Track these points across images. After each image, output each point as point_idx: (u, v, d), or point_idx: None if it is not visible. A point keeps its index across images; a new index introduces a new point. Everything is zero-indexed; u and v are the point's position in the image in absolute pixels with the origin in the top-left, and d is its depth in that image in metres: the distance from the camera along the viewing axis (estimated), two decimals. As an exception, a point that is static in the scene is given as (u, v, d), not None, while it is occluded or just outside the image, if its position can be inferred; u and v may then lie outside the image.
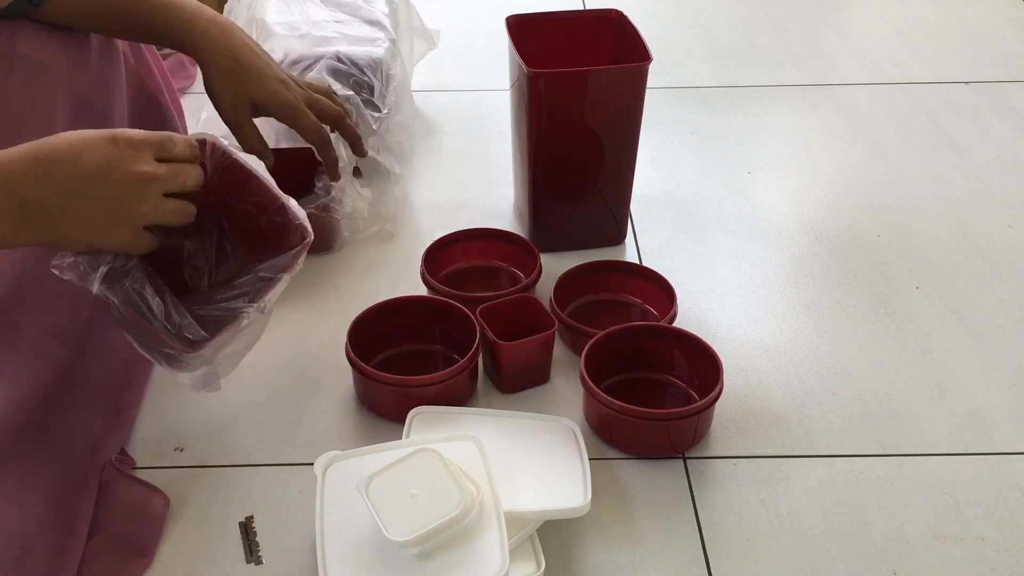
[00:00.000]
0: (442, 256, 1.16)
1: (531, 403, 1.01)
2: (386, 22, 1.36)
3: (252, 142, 1.06)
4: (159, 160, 0.80)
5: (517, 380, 1.02)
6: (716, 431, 0.98)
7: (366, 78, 1.27)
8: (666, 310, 1.08)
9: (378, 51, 1.29)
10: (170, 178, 0.80)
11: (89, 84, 0.98)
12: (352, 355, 0.98)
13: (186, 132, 1.24)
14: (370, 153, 1.25)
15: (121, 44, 1.06)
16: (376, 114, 1.25)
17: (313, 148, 1.11)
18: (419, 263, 1.12)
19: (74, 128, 0.82)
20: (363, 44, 1.30)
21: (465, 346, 1.01)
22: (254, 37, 1.25)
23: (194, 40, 1.00)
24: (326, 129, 1.10)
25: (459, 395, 0.99)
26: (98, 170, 0.76)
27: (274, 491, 0.92)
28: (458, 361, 0.99)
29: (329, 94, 1.16)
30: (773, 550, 0.87)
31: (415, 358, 1.05)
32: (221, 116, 1.05)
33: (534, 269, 1.12)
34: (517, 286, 1.11)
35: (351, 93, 1.24)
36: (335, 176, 1.15)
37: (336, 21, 1.35)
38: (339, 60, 1.27)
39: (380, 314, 1.04)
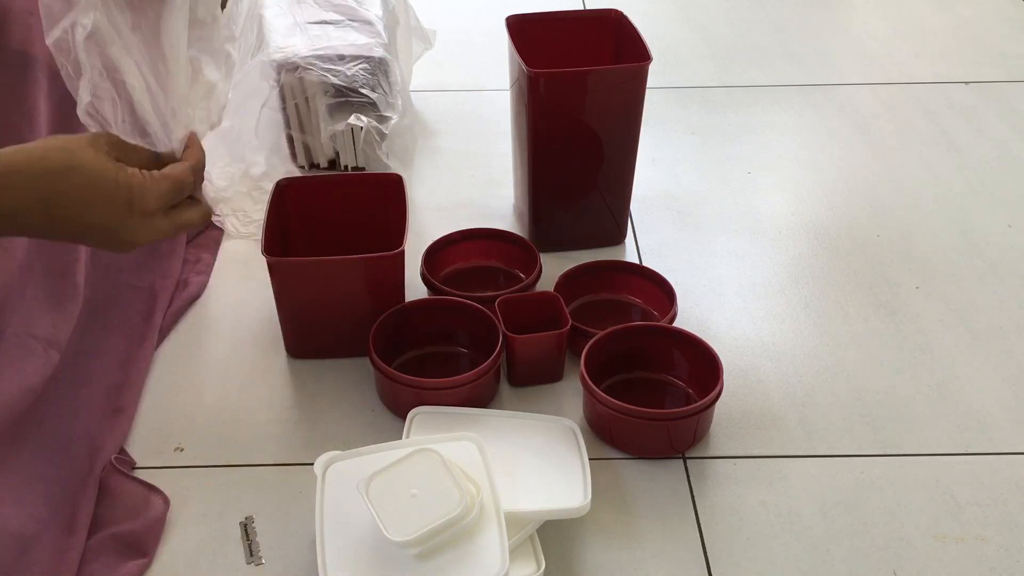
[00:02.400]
0: (442, 256, 1.16)
1: (532, 402, 1.01)
2: (379, 24, 1.35)
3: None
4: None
5: (528, 374, 1.02)
6: (716, 431, 0.98)
7: (365, 97, 1.26)
8: (666, 310, 1.08)
9: (370, 63, 1.27)
10: (172, 232, 0.80)
11: None
12: (376, 358, 0.98)
13: None
14: (380, 156, 1.26)
15: None
16: (386, 123, 1.25)
17: None
18: (419, 263, 1.12)
19: (56, 127, 0.89)
20: (356, 51, 1.28)
21: (482, 346, 1.01)
22: (251, 39, 1.26)
23: None
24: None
25: (484, 396, 1.00)
26: (104, 230, 0.75)
27: (274, 491, 0.92)
28: (476, 360, 1.00)
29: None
30: (773, 550, 0.87)
31: (432, 359, 1.05)
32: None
33: (534, 269, 1.12)
34: (516, 286, 1.10)
35: (362, 122, 1.24)
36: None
37: (331, 23, 1.35)
38: (337, 91, 1.25)
39: (400, 315, 1.04)
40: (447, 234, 1.17)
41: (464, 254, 1.18)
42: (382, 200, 1.10)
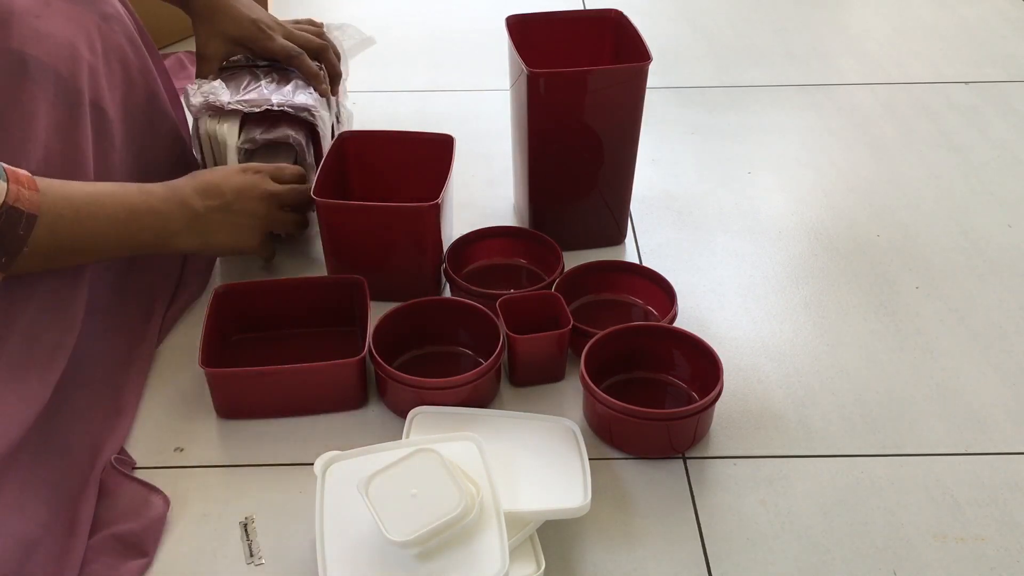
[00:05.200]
0: (467, 252, 1.17)
1: (532, 402, 1.01)
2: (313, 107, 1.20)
3: (204, 72, 1.17)
4: (275, 180, 1.07)
5: (529, 374, 1.03)
6: (716, 431, 0.98)
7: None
8: (666, 310, 1.08)
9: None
10: (287, 194, 1.08)
11: (83, 81, 0.98)
12: (377, 358, 0.98)
13: (186, 129, 1.24)
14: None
15: (121, 41, 1.06)
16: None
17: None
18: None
19: (55, 127, 0.94)
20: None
21: (484, 346, 1.02)
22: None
23: None
24: (295, 48, 1.18)
25: (485, 396, 1.00)
26: (239, 190, 1.03)
27: (274, 491, 0.92)
28: (478, 360, 1.01)
29: (319, 31, 1.23)
30: (773, 550, 0.87)
31: (433, 359, 1.05)
32: (196, 51, 1.18)
33: (556, 267, 1.12)
34: (537, 285, 1.10)
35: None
36: (321, 89, 1.18)
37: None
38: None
39: (401, 315, 1.04)
40: (474, 230, 1.18)
41: (486, 252, 1.19)
42: (436, 158, 1.17)
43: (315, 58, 1.20)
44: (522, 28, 1.19)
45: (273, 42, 1.17)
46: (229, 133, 1.11)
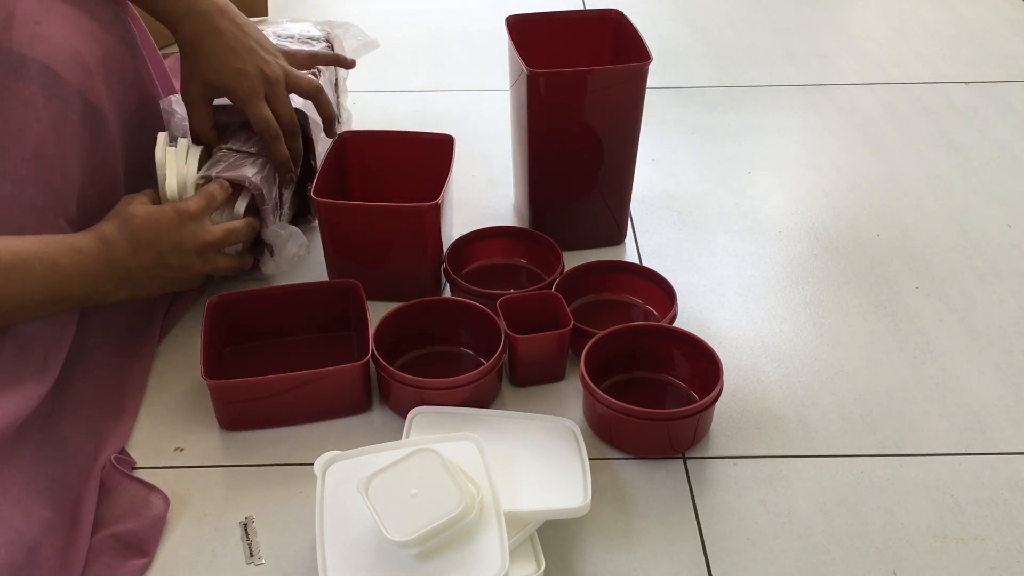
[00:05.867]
0: (467, 252, 1.17)
1: (534, 402, 1.01)
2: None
3: (195, 124, 1.08)
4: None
5: (529, 374, 1.03)
6: (716, 431, 0.98)
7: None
8: (666, 310, 1.08)
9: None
10: (224, 239, 1.02)
11: (82, 84, 0.98)
12: (378, 358, 0.98)
13: (184, 132, 1.24)
14: None
15: (120, 45, 1.06)
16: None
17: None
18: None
19: (55, 128, 0.94)
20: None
21: (484, 346, 1.02)
22: None
23: (175, 20, 1.04)
24: (273, 127, 1.06)
25: (486, 396, 1.00)
26: (174, 245, 0.98)
27: (274, 491, 0.92)
28: (479, 360, 1.01)
29: (312, 63, 1.16)
30: (773, 550, 0.87)
31: (434, 359, 1.05)
32: (180, 92, 1.09)
33: (556, 267, 1.12)
34: (537, 285, 1.10)
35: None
36: (287, 179, 1.10)
37: None
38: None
39: (402, 315, 1.04)
40: (474, 230, 1.18)
41: (487, 252, 1.19)
42: (436, 158, 1.17)
43: (307, 98, 1.11)
44: (522, 28, 1.19)
45: (251, 107, 1.04)
46: (188, 169, 1.05)
